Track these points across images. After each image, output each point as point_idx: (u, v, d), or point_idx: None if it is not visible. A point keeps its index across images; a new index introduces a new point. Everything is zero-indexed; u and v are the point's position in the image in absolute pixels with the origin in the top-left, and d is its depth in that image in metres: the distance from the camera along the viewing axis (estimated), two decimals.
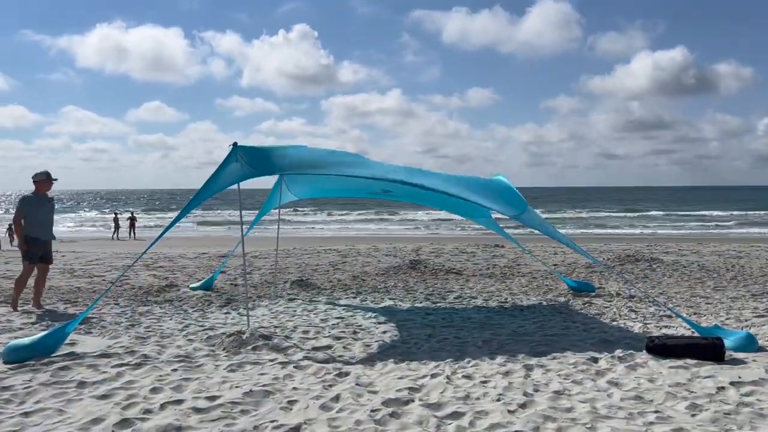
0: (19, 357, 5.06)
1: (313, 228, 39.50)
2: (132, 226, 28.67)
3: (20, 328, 6.51)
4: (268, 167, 6.30)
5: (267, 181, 8.30)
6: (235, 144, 6.22)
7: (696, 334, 5.72)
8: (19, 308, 7.59)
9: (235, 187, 6.15)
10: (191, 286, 9.53)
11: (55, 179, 7.77)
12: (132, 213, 30.59)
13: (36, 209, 7.57)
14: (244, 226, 7.35)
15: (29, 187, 7.81)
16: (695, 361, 4.98)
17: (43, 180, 7.63)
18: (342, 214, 50.52)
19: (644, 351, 5.32)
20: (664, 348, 5.20)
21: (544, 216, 8.05)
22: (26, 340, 5.29)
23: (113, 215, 31.03)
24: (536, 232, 7.24)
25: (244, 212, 7.68)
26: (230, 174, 6.10)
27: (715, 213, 52.88)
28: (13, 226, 6.62)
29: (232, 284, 9.98)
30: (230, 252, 16.18)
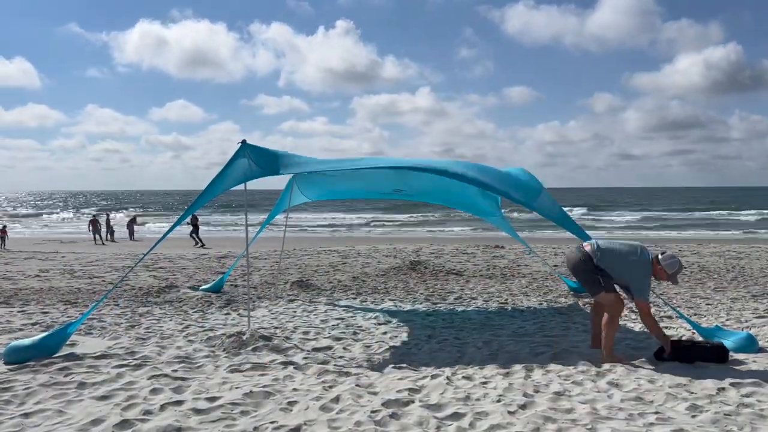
0: (21, 358, 5.06)
1: (322, 229, 39.24)
2: (131, 226, 28.36)
3: (20, 329, 6.51)
4: (276, 167, 6.22)
5: (278, 183, 8.26)
6: (243, 142, 6.18)
7: (699, 338, 5.74)
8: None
9: (241, 187, 6.12)
10: (201, 288, 9.52)
11: None
12: (132, 214, 30.32)
13: None
14: (253, 228, 7.32)
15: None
16: (695, 362, 4.98)
17: None
18: (345, 216, 50.36)
19: (655, 357, 5.25)
20: (674, 358, 5.13)
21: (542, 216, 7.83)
22: (27, 341, 5.29)
23: (94, 216, 28.64)
24: (537, 233, 7.16)
25: (252, 213, 7.61)
26: (237, 173, 6.05)
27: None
28: None
29: (232, 285, 9.97)
30: (231, 252, 16.19)
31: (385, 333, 6.45)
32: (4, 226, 27.00)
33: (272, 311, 7.75)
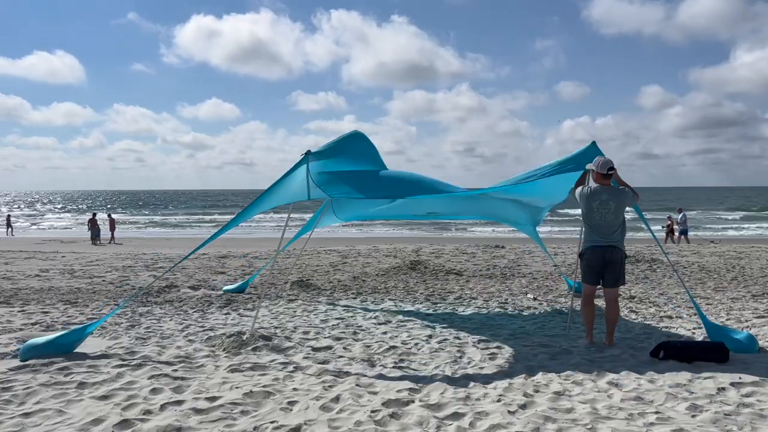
0: (37, 356, 5.09)
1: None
2: (112, 227, 27.62)
3: (20, 329, 6.51)
4: (335, 191, 5.78)
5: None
6: (308, 152, 5.79)
7: (699, 338, 5.74)
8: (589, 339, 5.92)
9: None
10: (224, 288, 9.43)
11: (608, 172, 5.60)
12: (109, 214, 29.84)
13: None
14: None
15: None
16: (695, 362, 4.98)
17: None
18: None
19: (651, 356, 5.25)
20: (671, 357, 5.14)
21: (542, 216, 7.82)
22: (42, 339, 5.34)
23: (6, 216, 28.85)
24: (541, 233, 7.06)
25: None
26: (295, 188, 5.73)
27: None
28: None
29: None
30: (231, 252, 16.19)
31: (385, 333, 6.45)
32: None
33: (272, 311, 7.75)
